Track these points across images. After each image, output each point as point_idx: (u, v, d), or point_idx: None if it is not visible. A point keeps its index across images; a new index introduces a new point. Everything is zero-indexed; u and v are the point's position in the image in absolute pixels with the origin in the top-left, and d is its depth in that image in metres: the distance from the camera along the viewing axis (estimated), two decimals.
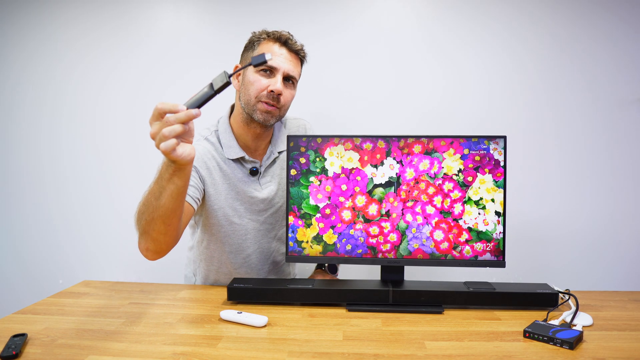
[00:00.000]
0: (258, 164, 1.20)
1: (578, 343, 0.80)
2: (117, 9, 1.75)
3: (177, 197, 0.88)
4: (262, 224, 1.22)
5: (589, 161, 1.66)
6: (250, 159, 1.19)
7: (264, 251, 1.24)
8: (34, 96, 1.82)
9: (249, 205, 1.19)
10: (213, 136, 1.20)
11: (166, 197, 0.87)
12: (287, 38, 1.12)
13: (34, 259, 1.87)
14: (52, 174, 1.84)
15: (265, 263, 1.25)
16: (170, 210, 0.90)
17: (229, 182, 1.18)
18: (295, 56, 1.14)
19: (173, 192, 0.87)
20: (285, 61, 1.11)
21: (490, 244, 1.02)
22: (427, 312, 0.97)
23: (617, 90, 1.64)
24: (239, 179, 1.18)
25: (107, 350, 0.78)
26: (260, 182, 1.21)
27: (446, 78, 1.68)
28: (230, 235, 1.20)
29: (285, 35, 1.12)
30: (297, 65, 1.15)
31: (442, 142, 1.02)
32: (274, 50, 1.11)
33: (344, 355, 0.77)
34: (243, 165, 1.19)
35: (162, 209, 0.89)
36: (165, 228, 0.92)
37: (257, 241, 1.23)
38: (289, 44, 1.12)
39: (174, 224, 0.93)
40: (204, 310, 0.99)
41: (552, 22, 1.64)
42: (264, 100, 1.10)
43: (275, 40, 1.12)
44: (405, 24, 1.68)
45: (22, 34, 1.80)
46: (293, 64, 1.13)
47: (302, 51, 1.16)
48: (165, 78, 1.75)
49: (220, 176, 1.17)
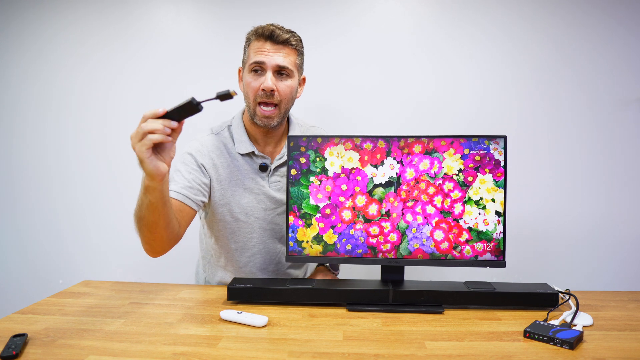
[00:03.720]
0: (269, 161, 1.20)
1: (578, 343, 0.80)
2: (121, 10, 1.75)
3: (153, 210, 0.92)
4: (269, 224, 1.22)
5: (589, 161, 1.66)
6: (261, 154, 1.19)
7: (270, 251, 1.24)
8: (39, 96, 1.82)
9: (256, 203, 1.19)
10: (225, 131, 1.21)
11: (145, 209, 0.92)
12: (271, 31, 1.09)
13: (37, 257, 1.88)
14: (57, 174, 1.84)
15: (270, 264, 1.25)
16: (151, 222, 0.95)
17: (236, 178, 1.18)
18: (284, 46, 1.11)
19: (149, 205, 0.91)
20: (272, 56, 1.09)
21: (491, 244, 1.02)
22: (427, 312, 0.97)
23: (616, 90, 1.64)
24: (247, 174, 1.19)
25: (107, 350, 0.78)
26: (269, 180, 1.21)
27: (446, 79, 1.68)
28: (236, 232, 1.20)
29: (269, 28, 1.10)
30: (289, 54, 1.12)
31: (443, 142, 1.02)
32: (261, 47, 1.10)
33: (344, 355, 0.77)
34: (253, 160, 1.19)
35: (145, 220, 0.95)
36: (151, 235, 0.98)
37: (262, 241, 1.23)
38: (274, 37, 1.09)
39: (159, 232, 0.98)
40: (204, 310, 0.99)
41: (552, 23, 1.64)
42: (260, 100, 1.11)
43: (260, 37, 1.10)
44: (405, 27, 1.68)
45: (26, 35, 1.81)
46: (282, 54, 1.10)
47: (292, 38, 1.12)
48: (169, 78, 1.75)
49: (227, 172, 1.17)
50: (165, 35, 1.75)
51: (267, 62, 1.09)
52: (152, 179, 0.84)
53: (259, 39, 1.10)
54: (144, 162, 0.81)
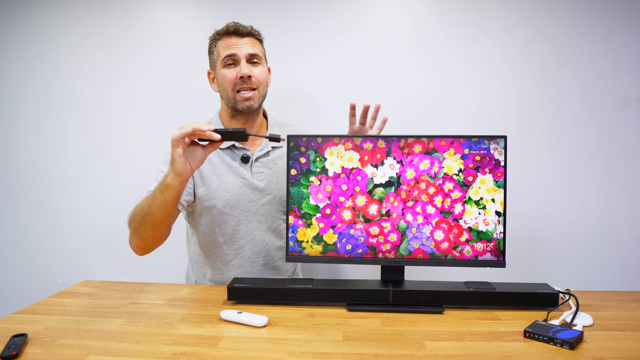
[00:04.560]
0: (250, 152, 1.24)
1: (578, 343, 0.80)
2: (121, 10, 1.75)
3: (165, 208, 1.02)
4: (254, 215, 1.24)
5: (590, 161, 1.66)
6: (241, 146, 1.24)
7: (257, 243, 1.25)
8: (40, 96, 1.82)
9: (240, 196, 1.21)
10: None
11: (156, 207, 1.02)
12: (235, 27, 1.20)
13: (37, 257, 1.88)
14: (57, 174, 1.84)
15: (259, 256, 1.26)
16: (159, 219, 1.04)
17: (218, 173, 1.21)
18: (250, 37, 1.21)
19: (162, 203, 1.01)
20: (241, 46, 1.19)
21: (491, 243, 1.02)
22: (427, 312, 0.97)
23: (616, 90, 1.63)
24: (228, 168, 1.22)
25: (107, 350, 0.78)
26: (252, 171, 1.24)
27: (446, 79, 1.68)
28: (222, 225, 1.22)
29: (232, 25, 1.20)
30: (255, 43, 1.22)
31: (443, 142, 1.02)
32: (229, 41, 1.19)
33: (344, 355, 0.77)
34: (234, 153, 1.24)
35: (152, 216, 1.03)
36: (153, 232, 1.07)
37: (249, 232, 1.24)
38: (238, 32, 1.20)
39: (162, 230, 1.08)
40: (204, 310, 0.99)
41: (552, 23, 1.64)
42: (239, 88, 1.18)
43: (225, 34, 1.20)
44: (405, 27, 1.68)
45: (26, 36, 1.80)
46: (250, 45, 1.20)
47: (253, 31, 1.23)
48: (169, 78, 1.75)
49: (209, 168, 1.21)
50: (166, 35, 1.75)
51: (238, 53, 1.18)
52: (177, 176, 0.95)
53: (225, 35, 1.20)
54: (175, 157, 0.92)
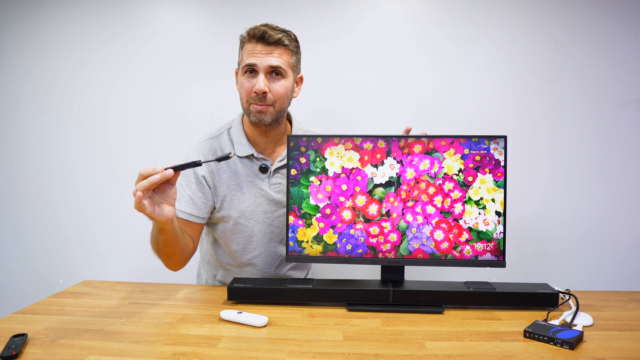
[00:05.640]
0: (269, 162, 1.19)
1: (578, 343, 0.80)
2: (121, 10, 1.75)
3: (168, 245, 1.02)
4: (269, 227, 1.20)
5: (589, 161, 1.66)
6: (260, 156, 1.18)
7: (270, 254, 1.23)
8: (40, 97, 1.82)
9: (255, 207, 1.18)
10: (225, 134, 1.20)
11: (161, 244, 1.02)
12: (263, 32, 1.08)
13: (37, 257, 1.88)
14: (58, 174, 1.84)
15: (271, 267, 1.25)
16: (169, 252, 1.04)
17: (235, 182, 1.17)
18: (277, 46, 1.09)
19: (165, 241, 1.01)
20: (264, 57, 1.08)
21: (491, 243, 1.02)
22: (427, 312, 0.97)
23: (616, 90, 1.64)
24: (246, 177, 1.18)
25: (107, 350, 0.78)
26: (269, 182, 1.19)
27: (446, 79, 1.68)
28: (237, 235, 1.20)
29: (260, 29, 1.08)
30: (282, 54, 1.10)
31: (443, 142, 1.02)
32: (253, 49, 1.09)
33: (344, 355, 0.77)
34: (253, 162, 1.18)
35: (162, 251, 1.05)
36: (170, 260, 1.08)
37: (263, 244, 1.21)
38: (265, 38, 1.08)
39: (176, 256, 1.07)
40: (204, 310, 0.99)
41: (552, 23, 1.64)
42: (253, 102, 1.10)
43: (252, 38, 1.09)
44: (405, 27, 1.68)
45: (26, 36, 1.80)
46: (275, 55, 1.09)
47: (285, 38, 1.10)
48: (169, 79, 1.75)
49: (226, 177, 1.17)
50: (166, 36, 1.75)
51: (258, 64, 1.08)
52: (164, 223, 0.93)
53: (251, 40, 1.10)
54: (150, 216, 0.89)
